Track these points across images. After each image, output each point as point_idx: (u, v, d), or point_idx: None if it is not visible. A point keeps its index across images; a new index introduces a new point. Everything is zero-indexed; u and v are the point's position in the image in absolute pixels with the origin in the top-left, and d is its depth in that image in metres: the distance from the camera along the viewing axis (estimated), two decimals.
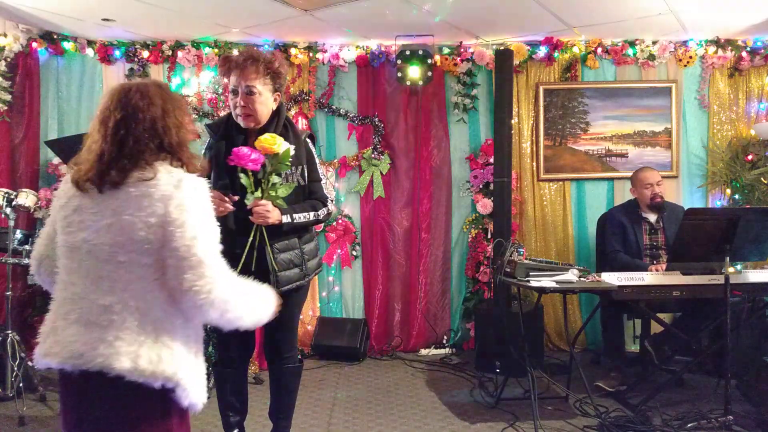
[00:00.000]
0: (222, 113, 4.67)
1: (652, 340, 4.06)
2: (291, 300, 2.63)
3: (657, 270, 3.93)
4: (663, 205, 4.24)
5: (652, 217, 4.29)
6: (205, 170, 1.80)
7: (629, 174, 4.96)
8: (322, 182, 2.76)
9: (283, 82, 2.69)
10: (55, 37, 4.92)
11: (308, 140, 2.76)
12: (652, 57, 5.07)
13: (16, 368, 3.62)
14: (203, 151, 2.77)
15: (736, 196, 4.96)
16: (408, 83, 5.00)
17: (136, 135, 1.63)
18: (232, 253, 2.17)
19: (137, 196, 1.58)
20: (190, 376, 1.61)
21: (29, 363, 3.81)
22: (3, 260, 3.72)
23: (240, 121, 2.60)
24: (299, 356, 2.91)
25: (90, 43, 5.02)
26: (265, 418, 3.08)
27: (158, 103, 1.67)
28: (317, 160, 2.77)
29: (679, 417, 3.38)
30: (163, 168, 1.63)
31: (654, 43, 5.05)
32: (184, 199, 1.59)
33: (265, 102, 2.58)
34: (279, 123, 2.64)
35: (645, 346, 4.08)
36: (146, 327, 1.56)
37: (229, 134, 2.64)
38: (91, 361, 1.53)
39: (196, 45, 5.06)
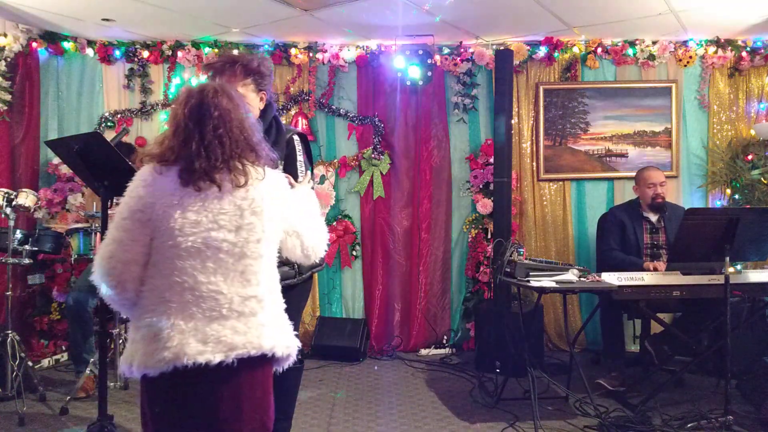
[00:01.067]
0: None
1: (652, 340, 4.06)
2: (285, 299, 2.60)
3: (654, 268, 3.92)
4: (664, 206, 4.24)
5: (654, 217, 4.29)
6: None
7: (629, 174, 4.97)
8: (301, 181, 2.64)
9: (268, 81, 2.62)
10: (55, 37, 4.93)
11: (296, 138, 2.68)
12: (652, 57, 5.07)
13: (16, 368, 3.62)
14: None
15: (736, 196, 4.96)
16: (408, 83, 5.00)
17: (233, 135, 1.75)
18: None
19: (259, 194, 1.76)
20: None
21: (29, 363, 3.82)
22: (3, 260, 3.72)
23: None
24: (299, 356, 2.90)
25: (90, 43, 5.03)
26: None
27: (239, 104, 1.82)
28: (300, 158, 2.65)
29: (679, 417, 3.38)
30: (258, 166, 1.79)
31: (654, 43, 5.05)
32: (287, 193, 1.88)
33: (250, 103, 2.54)
34: (266, 121, 2.60)
35: (645, 346, 4.08)
36: (272, 309, 1.80)
37: None
38: (244, 347, 1.70)
39: (196, 45, 5.07)
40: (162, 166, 1.73)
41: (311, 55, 5.12)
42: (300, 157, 2.64)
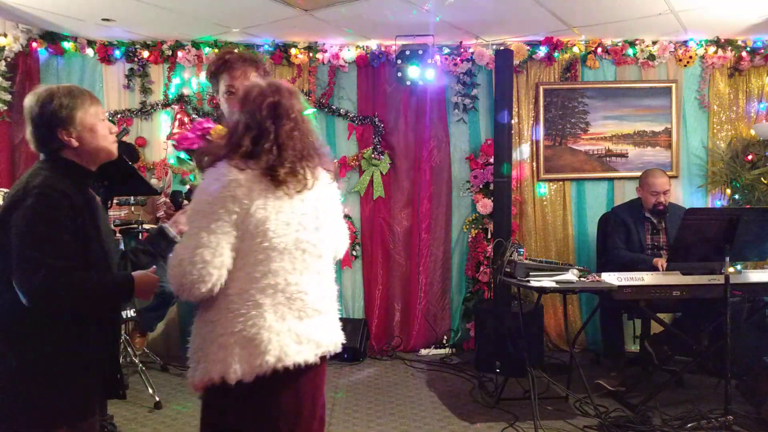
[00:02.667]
0: None
1: (652, 340, 4.06)
2: None
3: (662, 264, 3.91)
4: (665, 212, 4.23)
5: (655, 218, 4.29)
6: None
7: (629, 174, 4.98)
8: None
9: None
10: (55, 37, 4.93)
11: None
12: (652, 57, 5.07)
13: None
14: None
15: (736, 196, 4.96)
16: (408, 83, 5.00)
17: (305, 138, 1.77)
18: None
19: (330, 196, 1.85)
20: None
21: None
22: None
23: None
24: None
25: (90, 43, 5.03)
26: None
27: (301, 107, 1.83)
28: None
29: (679, 417, 3.38)
30: (323, 170, 1.83)
31: (654, 43, 5.05)
32: (339, 197, 1.94)
33: None
34: None
35: (645, 346, 4.08)
36: (336, 306, 1.88)
37: None
38: (327, 345, 1.79)
39: (196, 45, 5.07)
40: (242, 163, 1.68)
41: (311, 55, 5.12)
42: None
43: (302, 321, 1.70)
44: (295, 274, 1.69)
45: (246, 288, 1.64)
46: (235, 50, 2.64)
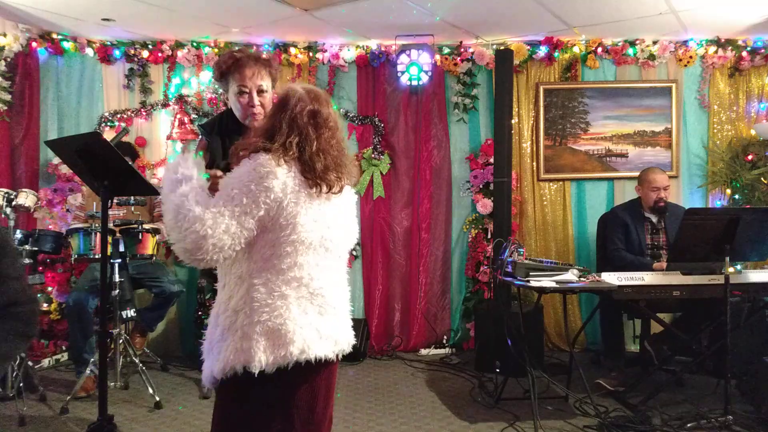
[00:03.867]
0: None
1: (652, 340, 4.06)
2: None
3: (662, 267, 3.91)
4: (665, 209, 4.23)
5: (654, 217, 4.29)
6: None
7: (629, 174, 4.97)
8: None
9: (277, 79, 2.67)
10: (54, 37, 4.93)
11: None
12: (652, 57, 5.07)
13: (16, 368, 3.62)
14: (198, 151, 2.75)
15: (736, 196, 4.96)
16: (408, 83, 5.01)
17: (338, 146, 1.86)
18: None
19: (350, 199, 1.92)
20: None
21: (29, 363, 3.82)
22: None
23: (249, 121, 2.57)
24: None
25: (90, 43, 5.02)
26: None
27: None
28: None
29: (679, 417, 3.38)
30: (347, 177, 1.88)
31: (654, 43, 5.05)
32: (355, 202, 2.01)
33: (271, 100, 2.58)
34: None
35: (645, 346, 4.08)
36: (349, 305, 1.91)
37: (224, 132, 2.61)
38: (343, 343, 1.82)
39: (196, 45, 5.06)
40: (283, 160, 1.72)
41: (311, 54, 5.12)
42: None
43: (323, 317, 1.74)
44: (318, 270, 1.74)
45: (271, 279, 1.68)
46: (250, 50, 2.65)
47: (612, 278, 3.52)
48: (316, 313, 1.73)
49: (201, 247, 1.61)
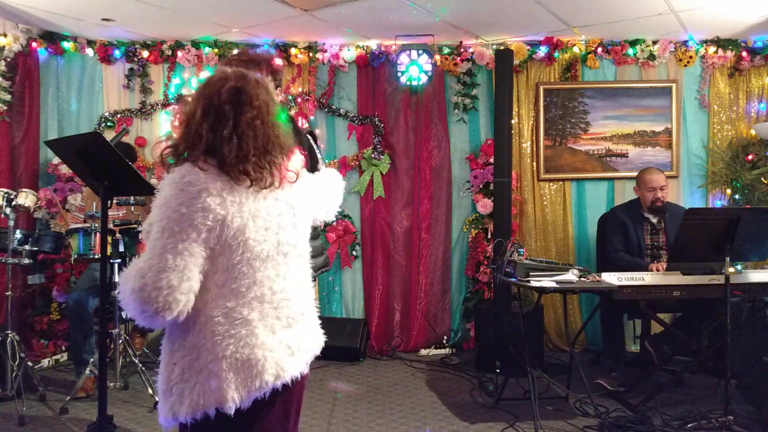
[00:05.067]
0: None
1: (652, 340, 4.06)
2: None
3: (657, 269, 3.92)
4: (663, 210, 4.23)
5: (654, 218, 4.29)
6: None
7: (629, 174, 4.97)
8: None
9: (281, 77, 2.68)
10: (54, 37, 4.92)
11: (308, 136, 2.76)
12: (652, 57, 5.07)
13: (16, 368, 3.62)
14: None
15: (736, 196, 4.96)
16: (408, 83, 5.01)
17: (267, 131, 1.59)
18: None
19: (302, 189, 1.69)
20: None
21: (29, 363, 3.82)
22: (3, 260, 3.72)
23: None
24: None
25: (90, 43, 5.02)
26: None
27: (275, 102, 1.67)
28: (319, 156, 2.76)
29: (679, 417, 3.38)
30: (289, 165, 1.66)
31: (654, 42, 5.05)
32: (312, 187, 1.79)
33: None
34: None
35: (645, 346, 4.08)
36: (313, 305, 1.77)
37: None
38: (313, 348, 1.71)
39: (196, 45, 5.06)
40: (204, 162, 1.51)
41: (311, 55, 5.12)
42: (318, 154, 2.73)
43: (292, 328, 1.61)
44: (279, 281, 1.58)
45: (232, 306, 1.50)
46: (235, 51, 2.64)
47: (612, 278, 3.52)
48: (283, 327, 1.59)
49: (146, 311, 1.42)
